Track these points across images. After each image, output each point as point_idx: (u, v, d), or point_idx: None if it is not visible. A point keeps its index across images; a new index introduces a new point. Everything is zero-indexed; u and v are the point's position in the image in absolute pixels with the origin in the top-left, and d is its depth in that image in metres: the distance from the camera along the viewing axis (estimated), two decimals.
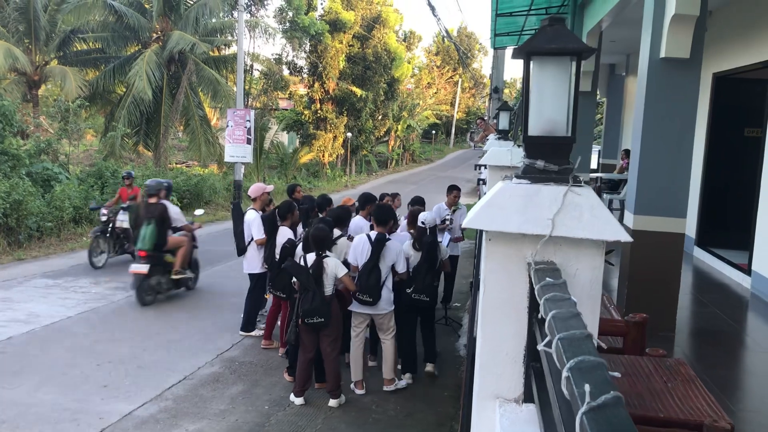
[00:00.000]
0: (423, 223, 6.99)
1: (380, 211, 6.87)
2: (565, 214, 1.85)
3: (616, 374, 1.02)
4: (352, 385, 6.75)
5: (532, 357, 1.95)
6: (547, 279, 1.63)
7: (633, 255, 6.77)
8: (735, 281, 9.24)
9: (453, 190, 9.83)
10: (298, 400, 6.42)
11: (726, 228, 10.52)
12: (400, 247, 6.77)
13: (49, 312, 8.93)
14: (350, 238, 7.19)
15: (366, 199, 8.34)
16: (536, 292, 1.62)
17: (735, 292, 8.83)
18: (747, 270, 8.95)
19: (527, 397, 1.97)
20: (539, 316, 1.81)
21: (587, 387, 0.94)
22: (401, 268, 6.68)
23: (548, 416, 1.59)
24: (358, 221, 7.85)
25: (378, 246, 6.52)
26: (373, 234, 6.65)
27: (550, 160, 1.96)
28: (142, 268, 9.17)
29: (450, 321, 9.12)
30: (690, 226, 10.62)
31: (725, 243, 10.32)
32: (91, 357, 7.40)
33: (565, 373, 1.06)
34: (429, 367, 7.24)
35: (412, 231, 7.31)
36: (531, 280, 1.89)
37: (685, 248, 7.96)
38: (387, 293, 6.61)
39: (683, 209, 6.75)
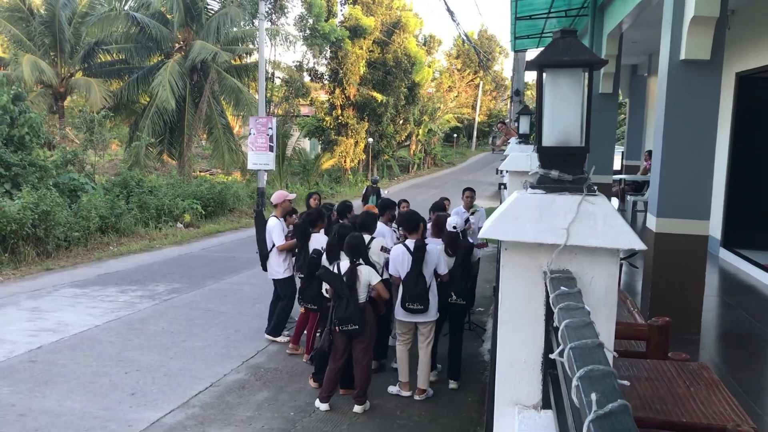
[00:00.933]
0: (455, 227, 7.05)
1: (408, 221, 6.91)
2: (579, 223, 1.88)
3: (625, 383, 1.05)
4: (395, 389, 6.86)
5: (549, 364, 1.97)
6: (562, 288, 1.66)
7: (656, 258, 6.73)
8: (762, 282, 9.14)
9: (466, 191, 9.84)
10: (324, 406, 6.47)
11: (752, 228, 10.41)
12: (439, 250, 6.82)
13: (77, 321, 9.09)
14: (384, 249, 7.23)
15: (385, 205, 8.39)
16: (551, 301, 1.65)
17: (762, 294, 8.73)
18: None
19: (545, 404, 2.00)
20: (555, 325, 1.84)
21: (594, 396, 0.98)
22: (443, 269, 6.73)
23: (563, 423, 1.62)
24: (380, 227, 7.90)
25: (419, 254, 6.57)
26: (410, 243, 6.69)
27: (564, 169, 1.99)
28: None
29: (473, 326, 9.11)
30: (715, 227, 10.53)
31: (752, 244, 10.21)
32: (119, 365, 7.51)
33: (575, 382, 1.10)
34: (453, 385, 7.19)
35: (439, 237, 7.33)
36: (547, 288, 1.92)
37: (710, 249, 7.91)
38: (434, 299, 6.68)
39: (706, 211, 6.71)
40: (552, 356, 1.48)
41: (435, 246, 6.86)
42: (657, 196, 6.74)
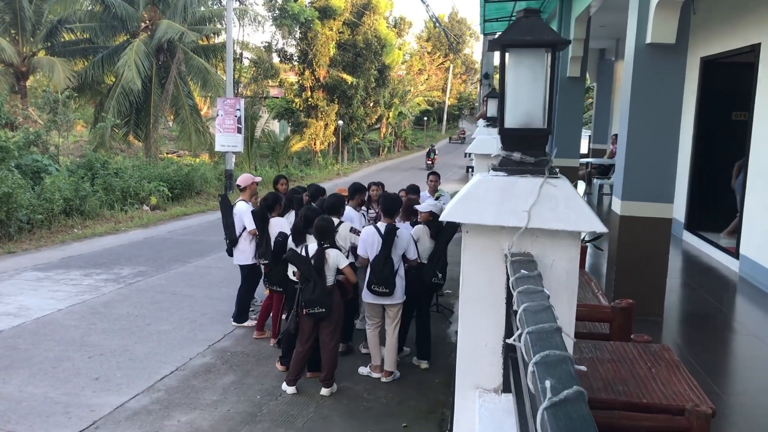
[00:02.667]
0: (437, 213, 7.06)
1: (389, 203, 6.87)
2: (541, 206, 1.87)
3: (582, 368, 1.03)
4: (366, 370, 6.86)
5: (510, 348, 1.96)
6: (522, 271, 1.64)
7: (621, 240, 6.80)
8: (723, 265, 9.30)
9: (430, 175, 9.84)
10: (290, 390, 6.44)
11: (714, 211, 10.57)
12: (410, 235, 6.80)
13: (39, 305, 8.92)
14: (353, 230, 7.20)
15: (356, 189, 8.33)
16: (511, 285, 1.63)
17: (723, 276, 8.89)
18: (735, 253, 9.01)
19: (506, 387, 1.99)
20: (514, 308, 1.83)
21: (548, 382, 0.96)
22: (412, 255, 6.72)
23: (522, 407, 1.61)
24: (348, 212, 7.85)
25: (389, 237, 6.54)
26: (382, 225, 6.66)
27: (526, 152, 1.97)
28: None
29: (441, 308, 9.14)
30: (679, 210, 10.69)
31: (714, 227, 10.37)
32: (82, 350, 7.40)
33: (530, 368, 1.08)
34: (425, 365, 7.23)
35: (407, 220, 7.31)
36: (508, 271, 1.90)
37: (673, 232, 8.02)
38: (400, 282, 6.66)
39: (670, 194, 6.78)
40: (509, 341, 1.46)
41: (406, 231, 6.83)
42: (622, 179, 6.80)
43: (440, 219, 2.13)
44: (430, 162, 32.97)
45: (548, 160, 1.97)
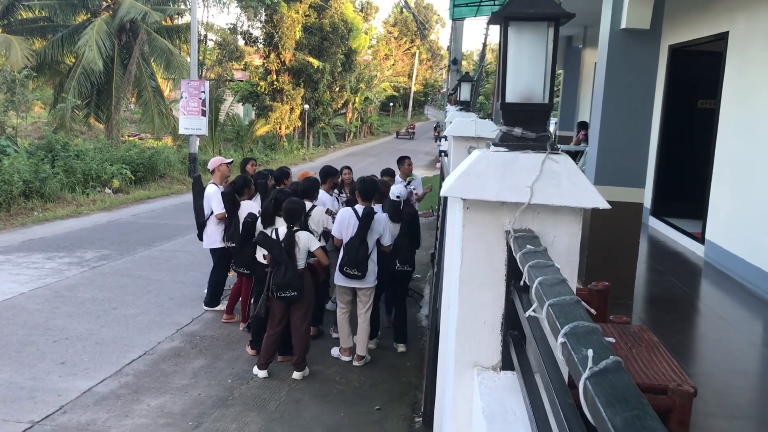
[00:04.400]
0: (398, 197, 7.02)
1: (366, 186, 6.81)
2: (543, 182, 1.84)
3: (611, 339, 1.00)
4: (336, 352, 6.85)
5: (510, 325, 1.94)
6: (528, 246, 1.62)
7: (592, 225, 6.86)
8: (689, 250, 9.47)
9: (405, 159, 9.80)
10: (262, 373, 6.39)
11: (680, 198, 10.75)
12: (386, 220, 6.77)
13: (0, 288, 8.68)
14: (329, 212, 7.16)
15: (327, 173, 8.26)
16: (518, 260, 1.60)
17: (689, 260, 9.05)
18: (701, 239, 9.17)
19: (505, 365, 1.97)
20: (521, 283, 1.80)
21: (590, 351, 0.93)
22: (387, 241, 6.71)
23: (531, 383, 1.59)
24: (321, 195, 7.78)
25: (366, 220, 6.50)
26: (359, 208, 6.61)
27: (527, 127, 1.94)
28: None
29: (411, 292, 9.16)
30: (645, 196, 10.83)
31: (680, 213, 10.54)
32: (47, 334, 7.23)
33: (560, 339, 1.05)
34: (401, 348, 7.24)
35: (380, 203, 7.29)
36: (509, 247, 1.88)
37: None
38: (373, 267, 6.64)
39: (642, 179, 6.86)
40: (527, 314, 1.43)
41: (383, 216, 6.81)
42: (595, 163, 6.84)
43: (441, 194, 2.09)
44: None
45: (549, 136, 1.94)
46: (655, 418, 0.79)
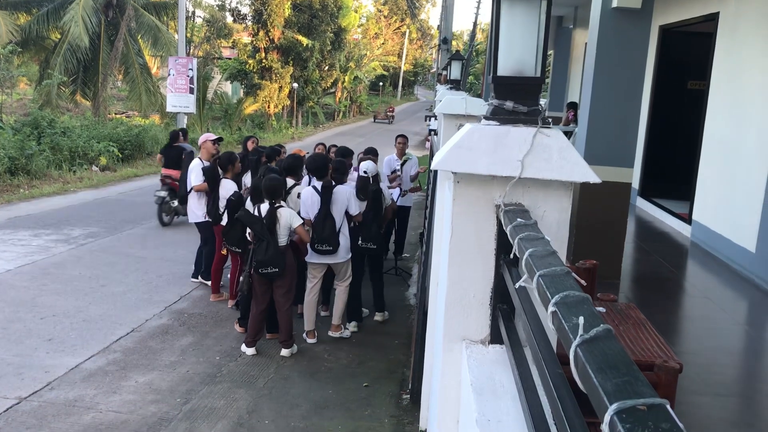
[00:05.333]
0: (365, 172, 7.01)
1: (313, 162, 6.81)
2: (534, 156, 1.84)
3: (601, 309, 1.00)
4: (304, 335, 6.76)
5: (499, 299, 1.95)
6: (519, 219, 1.61)
7: (581, 204, 6.88)
8: (676, 230, 9.53)
9: (399, 138, 9.77)
10: (250, 351, 6.39)
11: (668, 179, 10.79)
12: (350, 191, 6.73)
13: None
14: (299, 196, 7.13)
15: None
16: (508, 233, 1.60)
17: (676, 241, 9.11)
18: (687, 219, 9.23)
19: (494, 339, 1.97)
20: (511, 256, 1.81)
21: (581, 319, 0.93)
22: (354, 210, 6.68)
23: (519, 355, 1.59)
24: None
25: (326, 193, 6.48)
26: (318, 184, 6.59)
27: (519, 101, 1.93)
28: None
29: (400, 271, 9.19)
30: (633, 177, 10.87)
31: (667, 193, 10.59)
32: (34, 311, 7.19)
33: (551, 308, 1.05)
34: (378, 317, 7.34)
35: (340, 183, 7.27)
36: (499, 221, 1.88)
37: None
38: (344, 241, 6.62)
39: (631, 159, 6.88)
40: (518, 284, 1.43)
41: (345, 187, 6.75)
42: (584, 143, 6.85)
43: (432, 168, 2.08)
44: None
45: (541, 110, 1.93)
46: (646, 383, 0.79)
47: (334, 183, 6.63)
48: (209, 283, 8.13)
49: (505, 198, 1.88)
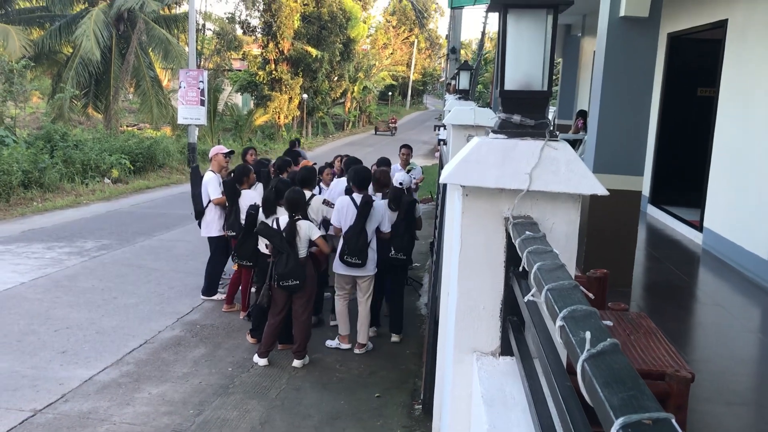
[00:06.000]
0: (401, 184, 7.06)
1: (358, 176, 6.84)
2: (542, 169, 1.85)
3: (608, 323, 1.02)
4: (334, 343, 6.88)
5: (509, 311, 1.96)
6: (527, 232, 1.63)
7: (591, 213, 6.87)
8: (687, 238, 9.49)
9: (402, 148, 9.85)
10: (262, 362, 6.42)
11: (679, 186, 10.75)
12: (384, 208, 6.79)
13: (1, 278, 8.70)
14: (326, 203, 7.17)
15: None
16: (517, 246, 1.62)
17: (687, 248, 9.07)
18: (699, 227, 9.19)
19: (504, 350, 1.99)
20: (519, 269, 1.82)
21: (588, 334, 0.95)
22: (386, 228, 6.73)
23: (530, 367, 1.61)
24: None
25: (365, 209, 6.52)
26: (357, 197, 6.63)
27: (526, 114, 1.95)
28: None
29: (411, 281, 9.19)
30: (644, 184, 10.84)
31: (678, 201, 10.55)
32: (48, 323, 7.25)
33: (559, 323, 1.07)
34: (395, 338, 7.27)
35: (380, 192, 7.32)
36: (508, 234, 1.89)
37: None
38: (372, 255, 6.67)
39: (641, 168, 6.87)
40: (526, 298, 1.45)
41: (382, 204, 6.83)
42: (593, 151, 6.85)
43: (440, 181, 2.10)
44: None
45: (548, 123, 1.95)
46: (651, 398, 0.81)
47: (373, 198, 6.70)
48: (213, 297, 8.18)
49: (513, 211, 1.90)
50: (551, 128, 1.96)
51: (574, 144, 15.90)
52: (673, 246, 9.24)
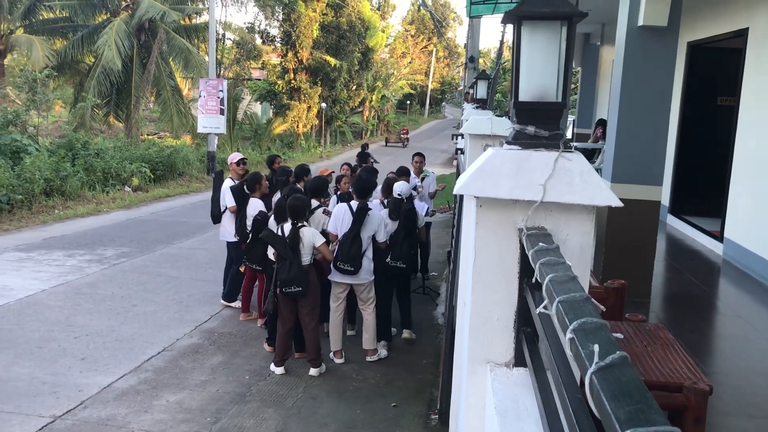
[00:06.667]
0: (399, 194, 7.05)
1: (361, 183, 6.85)
2: (556, 180, 1.86)
3: (619, 335, 1.02)
4: (331, 355, 6.78)
5: (522, 322, 1.96)
6: (541, 244, 1.63)
7: (610, 223, 6.83)
8: (707, 248, 9.40)
9: (415, 156, 9.86)
10: (279, 370, 6.44)
11: (699, 196, 10.66)
12: (381, 217, 6.79)
13: (22, 285, 8.81)
14: (326, 213, 7.19)
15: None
16: (530, 257, 1.62)
17: (707, 259, 8.98)
18: (719, 237, 9.10)
19: (518, 362, 1.98)
20: (533, 280, 1.82)
21: (596, 347, 0.95)
22: (381, 238, 6.71)
23: (542, 379, 1.61)
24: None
25: (360, 215, 6.53)
26: (355, 204, 6.64)
27: (540, 125, 1.96)
28: None
29: (428, 290, 9.18)
30: (664, 194, 10.76)
31: (698, 211, 10.46)
32: (68, 330, 7.33)
33: (569, 335, 1.07)
34: (406, 334, 7.33)
35: (385, 200, 7.34)
36: (522, 245, 1.90)
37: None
38: (367, 263, 6.64)
39: (660, 177, 6.82)
40: (538, 310, 1.45)
41: (378, 212, 6.83)
42: (612, 161, 6.82)
43: (454, 192, 2.11)
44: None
45: (562, 134, 1.95)
46: (658, 411, 0.81)
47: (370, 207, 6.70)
48: (232, 304, 8.23)
49: (527, 222, 1.90)
50: (566, 139, 1.96)
51: (594, 153, 15.83)
52: (693, 256, 9.15)
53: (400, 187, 7.18)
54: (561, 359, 1.35)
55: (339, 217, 6.68)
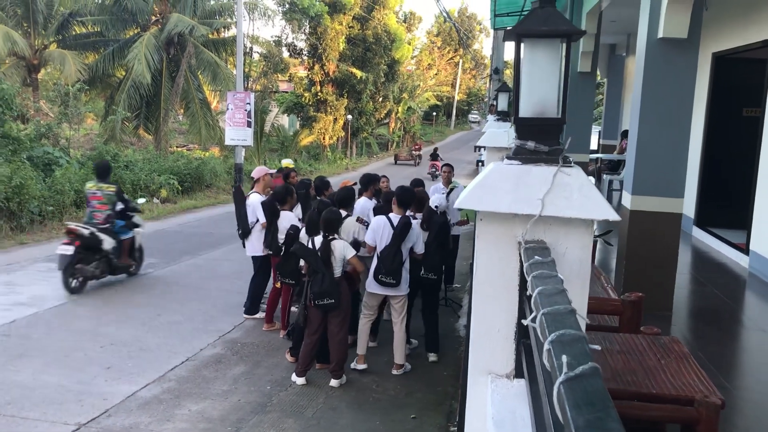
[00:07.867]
0: (436, 207, 7.12)
1: (404, 195, 6.91)
2: (554, 194, 1.89)
3: (596, 347, 1.06)
4: (353, 364, 6.84)
5: (522, 334, 1.99)
6: (536, 257, 1.67)
7: (630, 235, 6.81)
8: (733, 260, 9.29)
9: (444, 167, 9.92)
10: (300, 381, 6.49)
11: (725, 208, 10.55)
12: (419, 230, 6.85)
13: (52, 295, 8.99)
14: (359, 220, 7.27)
15: (368, 180, 8.40)
16: (525, 270, 1.66)
17: (733, 272, 8.88)
18: (745, 249, 8.99)
19: (518, 373, 2.02)
20: (528, 293, 1.86)
21: (565, 358, 0.99)
22: (420, 249, 6.78)
23: (535, 390, 1.64)
24: (362, 203, 7.94)
25: (404, 230, 6.58)
26: (394, 217, 6.70)
27: (540, 141, 2.00)
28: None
29: (450, 302, 9.19)
30: (689, 206, 10.66)
31: (724, 223, 10.35)
32: (94, 339, 7.47)
33: (546, 346, 1.11)
34: (432, 357, 7.29)
35: (419, 212, 7.38)
36: (521, 258, 1.93)
37: (684, 228, 8.00)
38: (406, 275, 6.71)
39: (681, 189, 6.78)
40: (525, 322, 1.49)
41: (416, 224, 6.89)
42: (632, 173, 6.80)
43: (455, 206, 2.15)
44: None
45: (562, 149, 1.99)
46: (616, 420, 0.85)
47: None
48: (255, 316, 8.31)
49: (526, 235, 1.94)
50: (565, 154, 1.99)
51: (620, 164, 15.74)
52: (717, 269, 9.05)
53: (437, 200, 7.26)
54: (546, 369, 1.39)
55: (378, 229, 6.73)
